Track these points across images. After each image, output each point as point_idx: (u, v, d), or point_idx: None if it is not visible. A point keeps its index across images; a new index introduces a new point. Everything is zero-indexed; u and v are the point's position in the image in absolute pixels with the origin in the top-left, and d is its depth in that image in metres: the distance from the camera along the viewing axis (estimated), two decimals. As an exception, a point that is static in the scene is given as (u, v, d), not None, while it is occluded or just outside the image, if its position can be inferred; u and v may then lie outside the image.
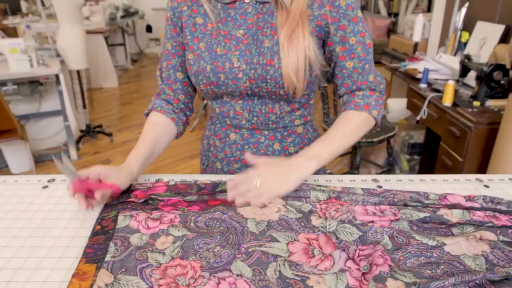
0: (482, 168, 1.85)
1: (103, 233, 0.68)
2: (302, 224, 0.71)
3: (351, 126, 0.86)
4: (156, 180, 0.86)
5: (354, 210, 0.73)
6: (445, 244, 0.63)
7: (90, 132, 3.64)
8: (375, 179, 0.88)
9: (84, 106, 3.64)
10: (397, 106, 2.85)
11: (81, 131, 3.63)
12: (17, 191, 0.84)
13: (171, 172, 3.03)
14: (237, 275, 0.58)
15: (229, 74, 0.84)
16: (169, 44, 0.91)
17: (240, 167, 0.96)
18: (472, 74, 2.20)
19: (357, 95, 0.88)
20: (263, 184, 0.76)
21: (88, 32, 4.76)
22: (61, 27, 3.31)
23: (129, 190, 0.81)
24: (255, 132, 0.92)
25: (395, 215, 0.71)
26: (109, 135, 3.66)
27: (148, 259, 0.62)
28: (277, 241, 0.66)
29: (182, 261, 0.61)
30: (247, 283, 0.57)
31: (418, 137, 2.70)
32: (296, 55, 0.80)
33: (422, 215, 0.70)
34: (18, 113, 3.11)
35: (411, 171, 2.72)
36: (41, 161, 3.24)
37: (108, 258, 0.62)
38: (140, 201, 0.78)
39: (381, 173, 2.49)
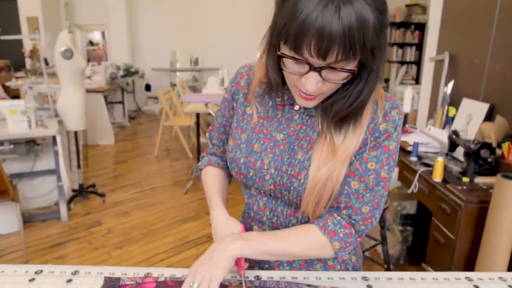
0: (474, 246, 1.84)
1: None
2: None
3: (302, 240, 0.80)
4: (145, 275, 0.85)
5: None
6: None
7: (82, 192, 3.61)
8: (364, 277, 0.88)
9: (79, 166, 3.65)
10: (389, 175, 2.89)
11: (74, 190, 3.60)
12: (2, 284, 0.82)
13: (163, 236, 2.99)
14: None
15: (258, 172, 0.86)
16: (220, 120, 0.99)
17: (258, 262, 0.96)
18: (460, 149, 2.26)
19: (333, 217, 0.81)
20: (201, 283, 0.72)
21: (89, 91, 4.89)
22: (63, 89, 3.39)
23: (117, 286, 0.80)
24: None
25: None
26: (102, 195, 3.63)
27: None
28: None
29: None
30: None
31: (411, 207, 2.71)
32: (323, 192, 0.78)
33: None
34: (12, 171, 3.11)
35: (404, 242, 2.69)
36: (31, 221, 3.19)
37: None
38: (128, 300, 0.77)
39: (374, 246, 2.47)
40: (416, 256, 2.70)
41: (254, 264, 0.96)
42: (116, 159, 4.85)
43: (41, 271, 0.87)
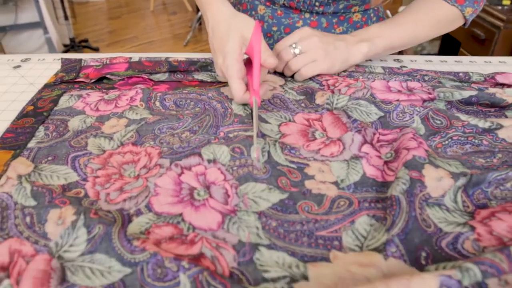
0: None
1: (34, 115, 0.50)
2: (303, 105, 0.53)
3: (430, 18, 0.62)
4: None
5: (372, 86, 0.55)
6: (501, 126, 0.45)
7: (74, 46, 3.35)
8: (397, 59, 0.68)
9: (66, 18, 3.32)
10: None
11: (65, 45, 3.34)
12: None
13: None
14: (209, 161, 0.41)
15: None
16: None
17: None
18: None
19: None
20: (304, 54, 0.56)
21: None
22: None
23: (77, 68, 0.62)
24: (292, 11, 0.68)
25: (429, 93, 0.53)
26: (96, 50, 3.39)
27: (88, 146, 0.44)
28: (266, 122, 0.49)
29: (134, 148, 0.44)
30: (221, 172, 0.40)
31: (432, 48, 2.45)
32: None
33: (466, 93, 0.52)
34: (-8, 24, 2.86)
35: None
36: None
37: (32, 144, 0.45)
38: (92, 81, 0.59)
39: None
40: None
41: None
42: (109, 15, 4.45)
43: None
